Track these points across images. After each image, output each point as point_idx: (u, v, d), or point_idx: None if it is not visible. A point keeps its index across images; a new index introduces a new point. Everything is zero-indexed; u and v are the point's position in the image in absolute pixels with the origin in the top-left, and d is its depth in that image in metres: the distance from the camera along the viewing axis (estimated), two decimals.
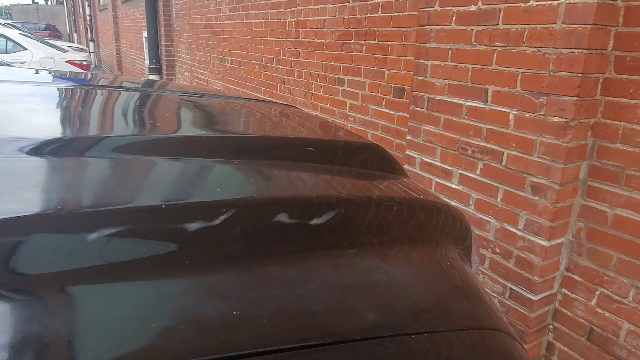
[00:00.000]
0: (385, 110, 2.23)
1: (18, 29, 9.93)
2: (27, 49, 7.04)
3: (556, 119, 1.32)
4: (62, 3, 30.88)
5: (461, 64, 1.61)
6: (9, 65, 4.75)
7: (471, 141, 1.61)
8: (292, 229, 0.52)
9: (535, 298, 1.46)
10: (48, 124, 0.73)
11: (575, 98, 1.27)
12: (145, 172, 0.59)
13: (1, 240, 0.39)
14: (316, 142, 0.81)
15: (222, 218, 0.48)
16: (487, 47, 1.51)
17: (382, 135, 2.28)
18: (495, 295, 1.59)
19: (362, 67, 2.34)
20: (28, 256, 0.39)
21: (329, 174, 0.70)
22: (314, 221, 0.54)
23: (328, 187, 0.65)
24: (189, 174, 0.60)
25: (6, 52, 6.85)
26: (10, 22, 17.54)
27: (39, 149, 0.58)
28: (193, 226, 0.47)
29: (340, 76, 2.53)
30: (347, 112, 2.51)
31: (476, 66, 1.55)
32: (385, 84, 2.21)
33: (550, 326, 1.54)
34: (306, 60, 2.84)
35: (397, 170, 0.89)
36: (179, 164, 0.62)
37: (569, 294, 1.48)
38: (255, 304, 0.41)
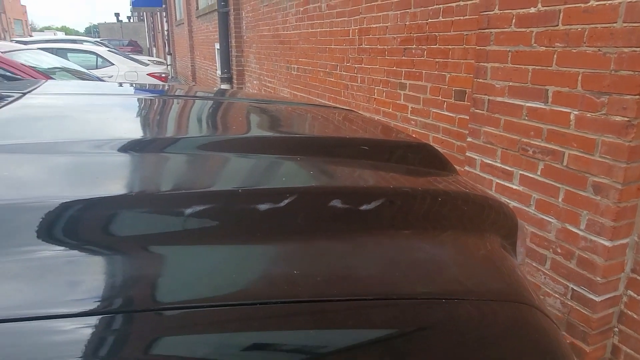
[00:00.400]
0: (446, 113, 2.27)
1: (106, 46, 10.85)
2: (114, 64, 7.70)
3: (618, 118, 1.31)
4: (142, 20, 33.17)
5: (521, 66, 1.62)
6: (99, 79, 5.25)
7: (532, 142, 1.61)
8: (345, 213, 0.61)
9: (598, 299, 1.45)
10: (143, 127, 0.88)
11: (637, 96, 1.26)
12: (224, 165, 0.71)
13: (120, 209, 0.52)
14: (370, 142, 0.90)
15: (285, 201, 0.59)
16: (547, 48, 1.52)
17: (443, 137, 2.31)
18: (556, 295, 1.58)
19: (424, 72, 2.39)
20: (146, 225, 0.51)
21: (380, 169, 0.79)
22: (364, 207, 0.63)
23: (377, 179, 0.74)
24: (259, 167, 0.71)
25: (96, 67, 7.54)
26: (98, 39, 19.16)
27: (139, 147, 0.72)
28: (263, 207, 0.58)
29: (402, 81, 2.59)
30: (409, 115, 2.57)
31: (536, 67, 1.57)
32: (446, 87, 2.24)
33: (616, 329, 1.51)
34: (369, 67, 2.93)
35: (447, 168, 0.96)
36: (251, 160, 0.74)
37: (635, 296, 1.44)
38: (312, 267, 0.51)
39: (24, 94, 1.00)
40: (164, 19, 16.52)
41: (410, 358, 0.47)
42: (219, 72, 6.94)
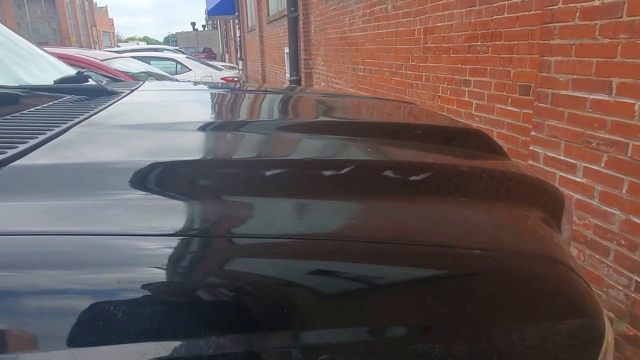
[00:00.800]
0: (510, 108, 2.28)
1: (184, 53, 11.57)
2: (191, 70, 8.25)
3: None
4: (216, 28, 34.80)
5: (585, 58, 1.64)
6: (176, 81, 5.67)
7: (595, 134, 1.62)
8: (394, 182, 0.72)
9: None
10: (232, 113, 1.05)
11: None
12: (298, 142, 0.85)
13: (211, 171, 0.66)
14: (424, 127, 1.00)
15: (346, 170, 0.71)
16: (611, 40, 1.53)
17: (507, 133, 2.33)
18: (620, 288, 1.57)
19: (488, 68, 2.42)
20: (236, 182, 0.66)
21: (432, 149, 0.89)
22: (413, 178, 0.74)
23: (426, 156, 0.84)
24: (327, 145, 0.84)
25: (176, 73, 8.12)
26: (176, 47, 20.42)
27: (232, 128, 0.88)
28: (328, 173, 0.70)
29: (467, 78, 2.63)
30: (473, 112, 2.60)
31: (600, 59, 1.57)
32: (511, 82, 2.26)
33: None
34: (434, 65, 2.99)
35: (498, 152, 1.04)
36: (320, 139, 0.87)
37: None
38: (367, 218, 0.62)
39: (132, 90, 1.20)
40: (237, 26, 17.29)
41: (448, 296, 0.57)
42: (287, 75, 7.21)
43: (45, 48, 1.72)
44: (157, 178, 0.61)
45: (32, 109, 0.86)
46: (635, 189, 1.49)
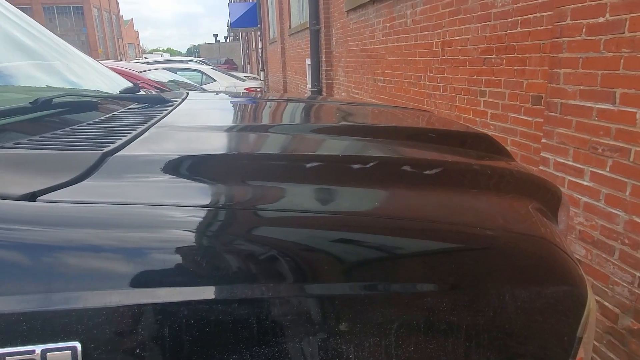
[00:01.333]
0: (523, 117, 2.41)
1: (208, 64, 11.91)
2: (216, 80, 8.54)
3: None
4: (238, 40, 35.45)
5: (591, 71, 1.76)
6: (204, 91, 5.93)
7: (601, 140, 1.74)
8: (409, 174, 0.87)
9: None
10: (272, 118, 1.21)
11: None
12: (330, 142, 1.01)
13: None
14: (436, 130, 1.15)
15: (371, 164, 0.87)
16: (614, 54, 1.65)
17: (520, 140, 2.45)
18: (624, 284, 1.68)
19: (502, 79, 2.55)
20: (275, 170, 0.82)
21: (443, 150, 1.04)
22: (426, 172, 0.89)
23: (439, 155, 0.99)
24: (352, 145, 1.00)
25: (201, 83, 8.41)
26: (200, 59, 20.95)
27: (273, 130, 1.05)
28: (355, 166, 0.86)
29: (482, 88, 2.76)
30: (488, 121, 2.73)
31: (605, 72, 1.70)
32: (523, 93, 2.39)
33: None
34: (451, 76, 3.13)
35: (503, 153, 1.18)
36: (347, 140, 1.03)
37: None
38: (387, 201, 0.78)
39: (183, 99, 1.39)
40: (259, 38, 17.67)
41: (453, 262, 0.72)
42: (309, 85, 7.41)
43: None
44: (218, 167, 0.78)
45: (114, 113, 1.04)
46: (637, 191, 1.60)
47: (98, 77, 1.35)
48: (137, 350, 0.58)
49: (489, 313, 0.72)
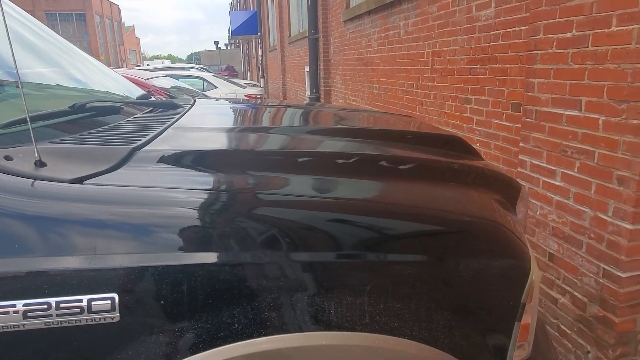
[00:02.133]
0: (505, 123, 2.59)
1: (209, 72, 12.11)
2: (217, 87, 8.73)
3: (635, 121, 1.60)
4: (238, 47, 35.74)
5: (561, 81, 1.94)
6: (206, 97, 6.12)
7: (570, 144, 1.91)
8: (388, 168, 1.04)
9: (623, 275, 1.70)
10: (272, 121, 1.38)
11: None
12: (317, 141, 1.18)
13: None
14: (412, 132, 1.33)
15: (354, 159, 1.04)
16: (580, 66, 1.83)
17: (502, 145, 2.62)
18: (591, 275, 1.85)
19: (486, 88, 2.73)
20: (277, 164, 0.99)
21: (415, 148, 1.21)
22: (400, 166, 1.06)
23: (412, 153, 1.16)
24: (339, 143, 1.17)
25: (202, 90, 8.60)
26: (201, 66, 21.21)
27: (273, 131, 1.22)
28: (340, 161, 1.03)
29: (468, 96, 2.94)
30: (474, 126, 2.90)
31: (572, 82, 1.88)
32: (505, 100, 2.57)
33: None
34: (440, 84, 3.31)
35: (472, 153, 1.35)
36: (334, 140, 1.20)
37: None
38: (361, 189, 0.95)
39: (192, 105, 1.56)
40: (259, 45, 17.91)
41: (420, 238, 0.88)
42: (308, 92, 7.60)
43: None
44: (223, 160, 0.95)
45: (135, 116, 1.22)
46: (601, 189, 1.77)
47: (117, 84, 1.52)
48: (161, 302, 0.75)
49: (449, 280, 0.89)
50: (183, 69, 13.18)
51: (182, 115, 1.27)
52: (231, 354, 0.79)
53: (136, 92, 1.63)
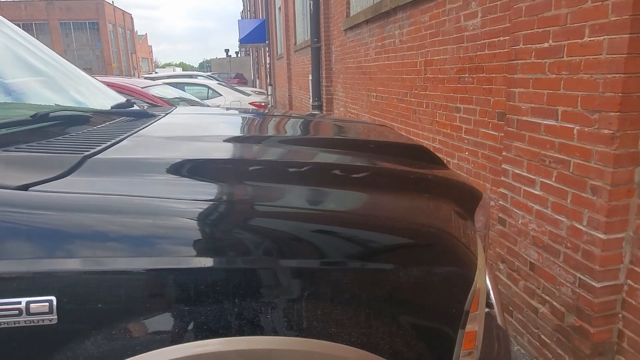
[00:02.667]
0: (491, 132, 2.59)
1: (215, 79, 12.23)
2: (222, 95, 8.82)
3: (605, 131, 1.60)
4: (248, 55, 36.05)
5: (539, 90, 1.95)
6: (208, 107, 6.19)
7: (548, 153, 1.92)
8: (338, 176, 1.07)
9: (598, 285, 1.70)
10: (241, 129, 1.42)
11: (618, 113, 1.55)
12: (277, 150, 1.21)
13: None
14: (374, 141, 1.35)
15: (305, 168, 1.06)
16: (556, 76, 1.84)
17: (489, 154, 2.63)
18: (568, 284, 1.84)
19: (474, 97, 2.74)
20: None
21: (379, 158, 1.23)
22: (353, 175, 1.08)
23: (365, 161, 1.18)
24: (290, 152, 1.19)
25: (207, 98, 8.70)
26: (209, 74, 21.44)
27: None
28: (292, 170, 1.05)
29: (458, 105, 2.95)
30: (463, 135, 2.91)
31: (549, 91, 1.89)
32: (490, 110, 2.58)
33: (620, 315, 1.74)
34: (432, 93, 3.33)
35: (436, 162, 1.36)
36: (291, 149, 1.22)
37: (634, 285, 1.67)
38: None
39: (167, 113, 1.60)
40: (267, 54, 18.06)
41: (374, 244, 0.90)
42: (311, 100, 7.65)
43: (96, 77, 2.16)
44: (180, 168, 0.98)
45: (100, 125, 1.25)
46: (576, 199, 1.78)
47: (93, 93, 1.56)
48: (98, 306, 0.78)
49: (389, 286, 0.90)
50: (190, 76, 13.35)
51: (150, 124, 1.31)
52: (166, 357, 0.81)
53: (115, 100, 1.67)
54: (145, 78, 9.08)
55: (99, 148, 1.00)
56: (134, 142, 1.09)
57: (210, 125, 1.48)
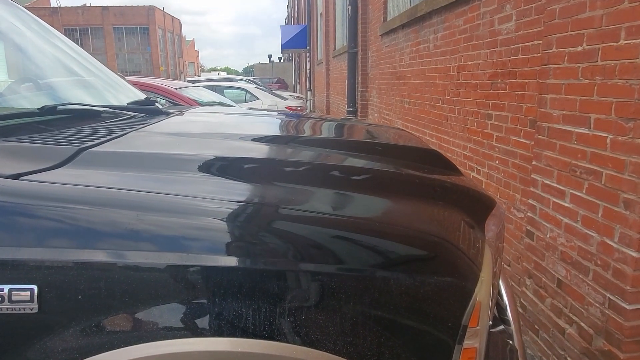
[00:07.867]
0: (522, 140, 2.48)
1: (255, 84, 12.43)
2: (259, 99, 8.94)
3: None
4: (290, 60, 36.49)
5: (571, 96, 1.84)
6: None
7: (579, 163, 1.80)
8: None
9: (629, 307, 1.57)
10: (249, 129, 1.40)
11: None
12: (282, 150, 1.18)
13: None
14: (385, 145, 1.30)
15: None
16: (589, 81, 1.73)
17: (520, 163, 2.51)
18: (597, 305, 1.72)
19: (506, 103, 2.63)
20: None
21: (383, 162, 1.19)
22: (354, 177, 1.04)
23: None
24: (295, 152, 1.16)
25: (245, 101, 8.84)
26: (250, 78, 21.84)
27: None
28: (289, 170, 1.02)
29: (489, 112, 2.84)
30: (494, 143, 2.80)
31: (582, 97, 1.78)
32: (523, 117, 2.46)
33: None
34: (464, 99, 3.22)
35: (450, 168, 1.30)
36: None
37: None
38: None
39: (182, 112, 1.61)
40: (307, 59, 18.20)
41: (380, 248, 0.86)
42: (346, 106, 7.63)
43: (136, 78, 2.22)
44: (173, 163, 0.97)
45: (109, 121, 1.27)
46: (607, 213, 1.66)
47: (113, 89, 1.59)
48: (79, 297, 0.77)
49: (379, 295, 0.86)
50: (231, 80, 13.65)
51: (159, 121, 1.31)
52: (146, 352, 0.80)
53: (136, 98, 1.69)
54: (188, 81, 9.34)
55: (97, 141, 1.01)
56: (135, 136, 1.10)
57: (221, 124, 1.48)
